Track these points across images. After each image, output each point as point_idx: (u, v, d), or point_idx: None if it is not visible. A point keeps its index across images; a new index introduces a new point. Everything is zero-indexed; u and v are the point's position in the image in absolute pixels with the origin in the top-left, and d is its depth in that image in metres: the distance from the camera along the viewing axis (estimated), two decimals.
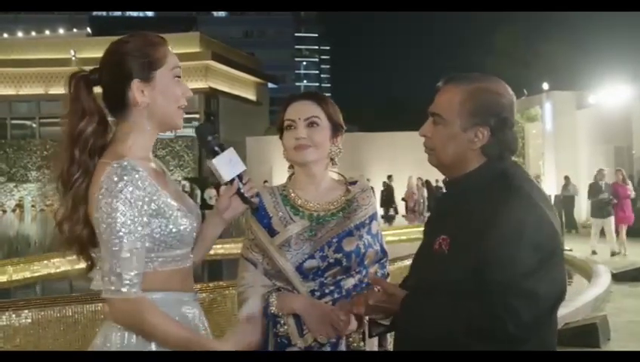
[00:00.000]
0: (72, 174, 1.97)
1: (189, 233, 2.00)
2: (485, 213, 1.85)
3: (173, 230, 1.96)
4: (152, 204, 1.92)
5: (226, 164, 2.09)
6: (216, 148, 2.10)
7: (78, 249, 2.02)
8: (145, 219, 1.90)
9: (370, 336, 2.29)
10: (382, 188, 26.13)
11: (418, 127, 2.07)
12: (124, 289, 1.85)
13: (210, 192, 28.23)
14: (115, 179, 1.87)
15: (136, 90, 1.98)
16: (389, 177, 26.56)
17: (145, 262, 1.93)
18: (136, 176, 1.90)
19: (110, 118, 2.06)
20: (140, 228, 1.88)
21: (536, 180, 2.05)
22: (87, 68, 2.07)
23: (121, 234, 1.86)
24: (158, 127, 2.04)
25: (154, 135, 2.06)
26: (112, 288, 1.86)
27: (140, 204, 1.89)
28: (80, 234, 1.98)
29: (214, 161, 2.09)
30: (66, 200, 1.99)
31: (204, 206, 29.62)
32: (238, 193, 2.13)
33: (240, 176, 2.12)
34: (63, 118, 2.02)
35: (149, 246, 1.93)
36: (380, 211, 24.90)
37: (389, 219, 23.48)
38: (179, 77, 2.05)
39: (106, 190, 1.88)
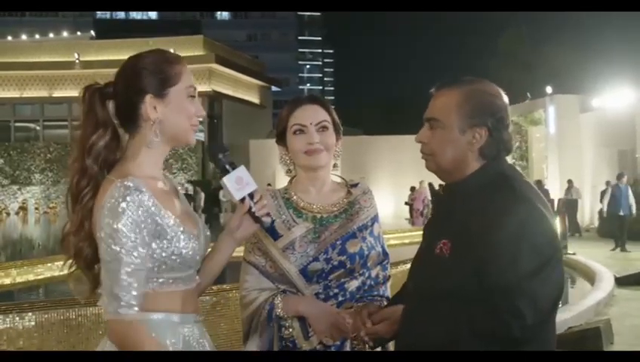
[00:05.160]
0: (81, 188, 1.96)
1: (191, 256, 1.97)
2: (485, 216, 1.85)
3: (175, 252, 1.93)
4: (155, 225, 1.90)
5: (237, 183, 2.08)
6: (227, 167, 2.09)
7: (83, 266, 2.00)
8: (147, 239, 1.88)
9: (373, 348, 2.28)
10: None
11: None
12: (120, 311, 1.84)
13: (227, 194, 28.27)
14: (119, 199, 1.86)
15: (149, 106, 1.97)
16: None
17: (145, 283, 1.92)
18: (139, 196, 1.88)
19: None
20: (140, 249, 1.87)
21: (534, 184, 2.06)
22: (102, 82, 2.06)
23: (120, 255, 1.84)
24: (168, 143, 2.03)
25: (165, 151, 2.04)
26: (110, 309, 1.85)
27: (142, 226, 1.87)
28: (85, 250, 1.97)
29: (225, 179, 2.08)
30: (74, 214, 1.97)
31: (214, 205, 29.62)
32: (249, 212, 2.10)
33: (251, 195, 2.10)
34: (75, 129, 2.01)
35: (149, 267, 1.91)
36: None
37: None
38: (193, 96, 2.03)
39: (108, 210, 1.86)
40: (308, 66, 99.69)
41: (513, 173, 2.00)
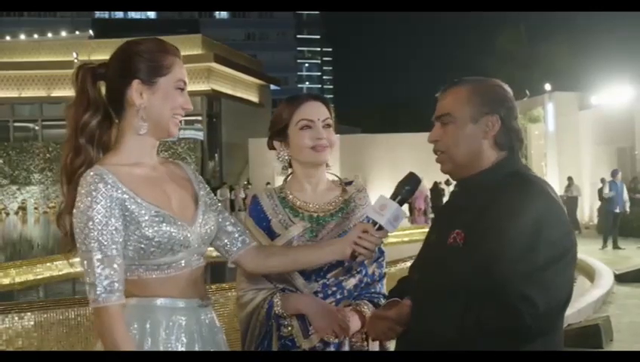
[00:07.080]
0: (75, 166, 1.96)
1: (168, 240, 1.93)
2: (502, 207, 1.86)
3: (149, 236, 1.91)
4: (125, 211, 1.90)
5: (381, 209, 2.11)
6: (399, 198, 2.12)
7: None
8: (119, 226, 1.88)
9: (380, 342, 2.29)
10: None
11: (420, 128, 2.08)
12: (98, 299, 1.84)
13: (224, 193, 28.21)
14: (86, 189, 1.87)
15: (135, 91, 1.97)
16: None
17: (131, 269, 1.93)
18: (106, 187, 1.88)
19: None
20: (109, 237, 1.86)
21: None
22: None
23: (91, 245, 1.85)
24: (151, 132, 2.01)
25: (150, 139, 2.03)
26: (90, 297, 1.86)
27: (110, 213, 1.87)
28: None
29: (389, 203, 2.10)
30: (68, 193, 1.97)
31: None
32: (370, 237, 2.12)
33: (379, 227, 2.12)
34: (68, 109, 2.02)
35: (130, 255, 1.91)
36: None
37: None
38: (182, 89, 2.02)
39: (78, 200, 1.88)
40: (307, 65, 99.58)
41: (527, 170, 2.02)
